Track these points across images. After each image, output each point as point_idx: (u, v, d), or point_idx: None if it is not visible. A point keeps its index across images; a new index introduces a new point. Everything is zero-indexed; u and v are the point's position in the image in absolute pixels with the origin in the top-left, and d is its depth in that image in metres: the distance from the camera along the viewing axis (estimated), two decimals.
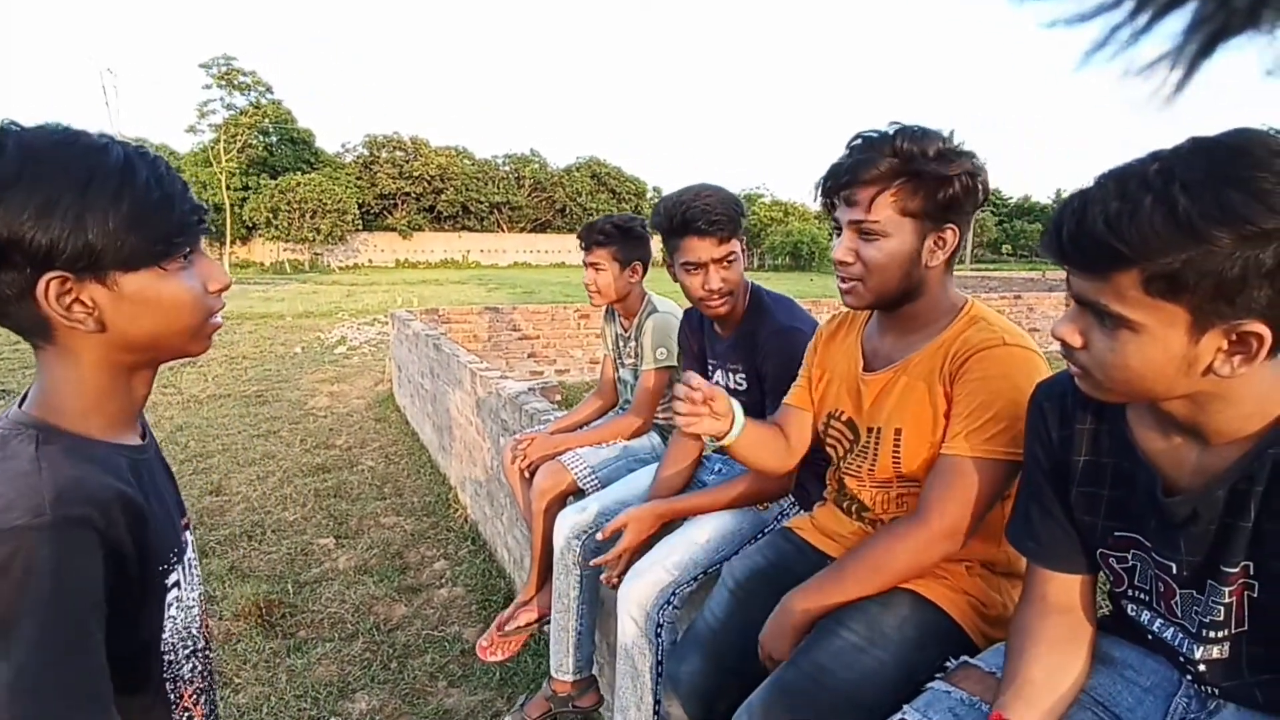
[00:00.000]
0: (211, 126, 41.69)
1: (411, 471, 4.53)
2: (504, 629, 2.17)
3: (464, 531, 3.57)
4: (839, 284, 1.21)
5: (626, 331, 2.33)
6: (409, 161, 47.67)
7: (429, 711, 2.21)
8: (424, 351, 5.01)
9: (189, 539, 0.83)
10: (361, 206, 43.85)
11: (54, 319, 0.66)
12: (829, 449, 1.35)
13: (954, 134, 1.13)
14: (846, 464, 1.30)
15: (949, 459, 1.12)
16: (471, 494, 3.68)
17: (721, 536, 1.62)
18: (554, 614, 1.94)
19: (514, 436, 2.42)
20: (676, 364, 2.11)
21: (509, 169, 53.24)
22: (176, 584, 0.77)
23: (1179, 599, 0.87)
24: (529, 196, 52.41)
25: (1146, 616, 0.93)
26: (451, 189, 47.97)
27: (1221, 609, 0.82)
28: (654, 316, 2.18)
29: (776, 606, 1.22)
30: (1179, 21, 0.48)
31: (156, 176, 0.69)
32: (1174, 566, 0.85)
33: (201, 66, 41.26)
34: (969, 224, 1.18)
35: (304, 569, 3.17)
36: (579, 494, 2.10)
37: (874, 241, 1.14)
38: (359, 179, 45.96)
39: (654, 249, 2.27)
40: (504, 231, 51.01)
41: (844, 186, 1.14)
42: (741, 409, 1.28)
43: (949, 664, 1.05)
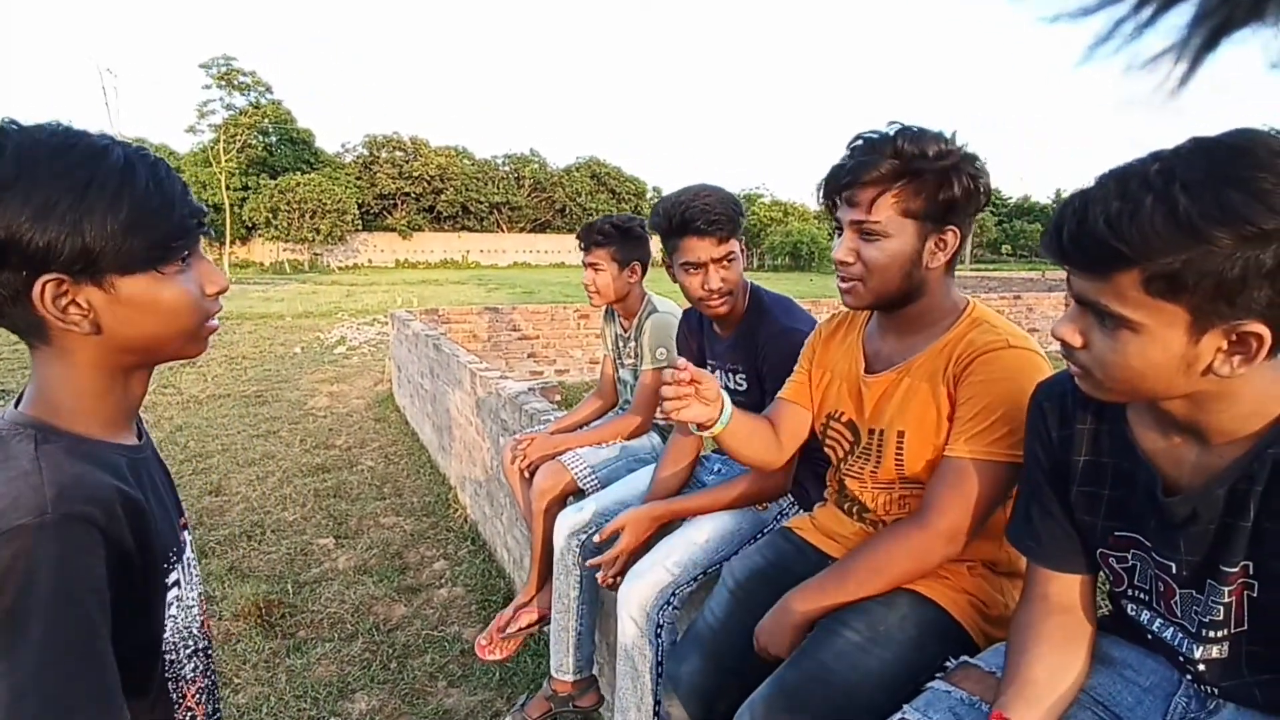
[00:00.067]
0: (211, 127, 41.76)
1: (411, 471, 4.53)
2: (505, 630, 2.17)
3: (464, 531, 3.57)
4: (839, 284, 1.21)
5: (626, 332, 2.33)
6: (409, 161, 47.72)
7: (429, 711, 2.21)
8: (424, 351, 5.01)
9: (187, 539, 0.83)
10: (361, 207, 43.89)
11: (49, 321, 0.66)
12: (829, 450, 1.35)
13: (956, 135, 1.13)
14: (847, 465, 1.30)
15: (952, 461, 1.12)
16: (471, 494, 3.68)
17: (721, 537, 1.62)
18: (554, 614, 1.94)
19: (514, 436, 2.42)
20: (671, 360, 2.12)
21: (509, 169, 53.30)
22: (177, 583, 0.77)
23: (1179, 599, 0.87)
24: (529, 196, 52.45)
25: (1146, 616, 0.93)
26: (451, 189, 48.01)
27: (1221, 609, 0.82)
28: (654, 317, 2.18)
29: (776, 604, 1.21)
30: (1183, 15, 0.48)
31: (156, 180, 0.68)
32: (1174, 566, 0.85)
33: (201, 67, 41.36)
34: (970, 226, 1.18)
35: (304, 569, 3.17)
36: (579, 494, 2.10)
37: (875, 242, 1.14)
38: (359, 179, 46.01)
39: (653, 249, 2.27)
40: (504, 231, 51.06)
41: (845, 187, 1.14)
42: (730, 400, 1.26)
43: (949, 663, 1.05)
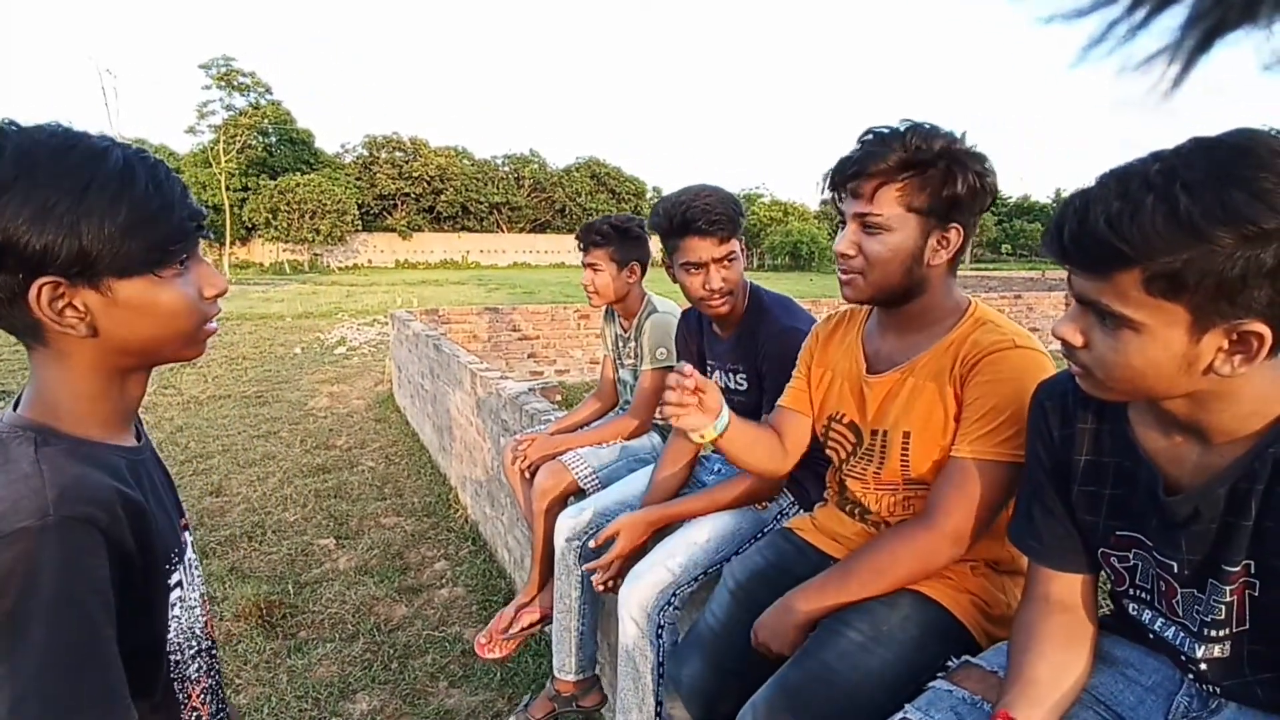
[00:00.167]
0: (211, 127, 41.79)
1: (412, 472, 4.53)
2: (507, 631, 2.17)
3: (464, 532, 3.57)
4: (839, 276, 1.21)
5: (626, 332, 2.33)
6: (408, 162, 47.76)
7: (430, 712, 2.21)
8: (424, 352, 5.01)
9: (188, 540, 0.83)
10: (361, 207, 43.93)
11: (46, 323, 0.66)
12: (831, 452, 1.35)
13: (966, 135, 1.12)
14: (849, 466, 1.30)
15: (959, 462, 1.11)
16: (472, 494, 3.68)
17: (721, 537, 1.62)
18: (556, 614, 1.94)
19: (514, 437, 2.42)
20: (676, 364, 2.11)
21: (508, 169, 53.33)
22: (179, 584, 0.77)
23: (1180, 598, 0.87)
24: (528, 197, 52.47)
25: (1148, 615, 0.93)
26: (451, 189, 48.04)
27: (1222, 608, 0.82)
28: (653, 317, 2.18)
29: (777, 602, 1.21)
30: (1176, 17, 0.48)
31: (155, 183, 0.68)
32: (1175, 565, 0.85)
33: (201, 67, 41.40)
34: (974, 226, 1.17)
35: (304, 569, 3.17)
36: (580, 494, 2.10)
37: (877, 235, 1.14)
38: (358, 179, 46.05)
39: (653, 249, 2.26)
40: (503, 232, 51.10)
41: (851, 178, 1.14)
42: (729, 408, 1.25)
43: (951, 663, 1.05)
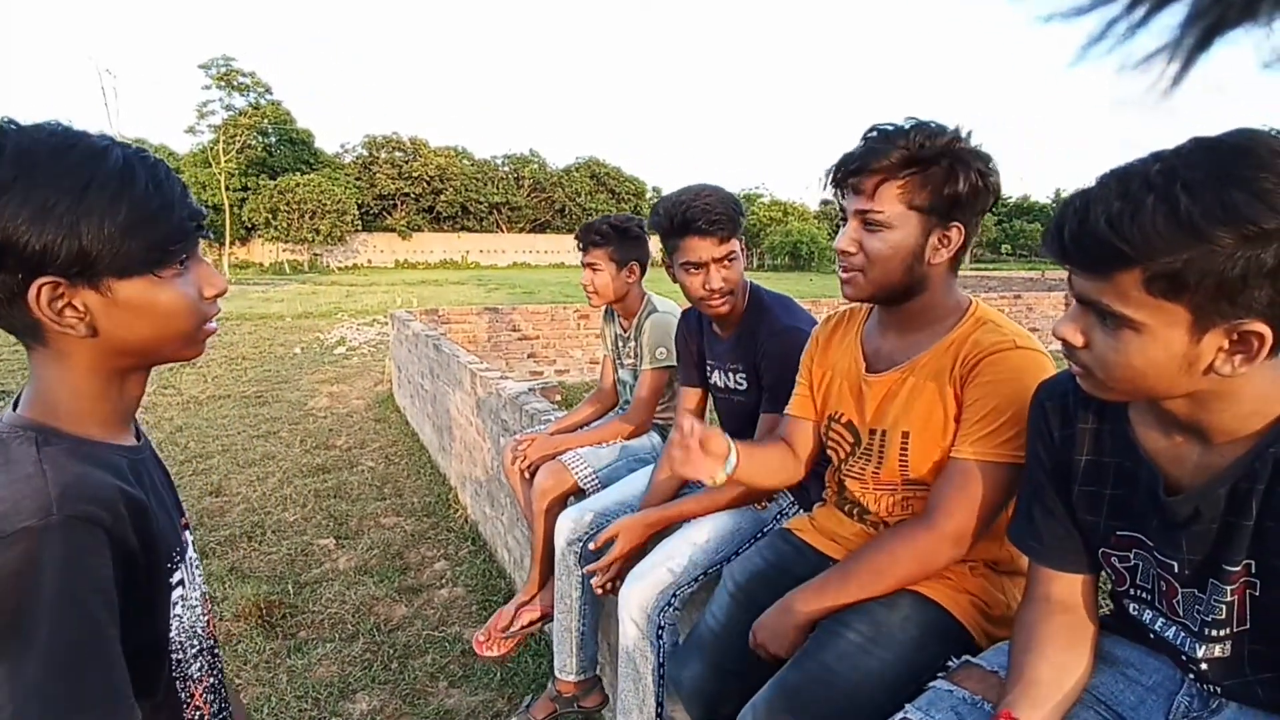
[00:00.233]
0: (211, 127, 41.81)
1: (411, 472, 4.53)
2: (507, 629, 2.17)
3: (464, 532, 3.57)
4: (840, 274, 1.21)
5: (626, 332, 2.33)
6: (408, 162, 47.77)
7: (430, 712, 2.21)
8: (424, 352, 5.01)
9: (189, 539, 0.83)
10: (361, 207, 43.94)
11: (45, 323, 0.66)
12: (831, 452, 1.35)
13: (971, 134, 1.12)
14: (848, 466, 1.29)
15: (959, 462, 1.11)
16: (472, 494, 3.68)
17: (721, 537, 1.62)
18: (557, 614, 1.94)
19: (514, 437, 2.42)
20: (676, 364, 2.11)
21: (508, 169, 53.34)
22: (181, 583, 0.77)
23: (1181, 598, 0.87)
24: (528, 197, 52.48)
25: (1148, 615, 0.93)
26: (451, 189, 48.06)
27: (1223, 607, 0.82)
28: (653, 317, 2.18)
29: (777, 603, 1.21)
30: (1176, 15, 0.48)
31: (156, 182, 0.68)
32: (1176, 565, 0.85)
33: (201, 67, 41.44)
34: (977, 225, 1.17)
35: (304, 569, 3.17)
36: (580, 494, 2.10)
37: (877, 233, 1.14)
38: (358, 179, 46.07)
39: (652, 249, 2.26)
40: (503, 232, 51.11)
41: (852, 174, 1.14)
42: (733, 444, 1.24)
43: (950, 664, 1.05)
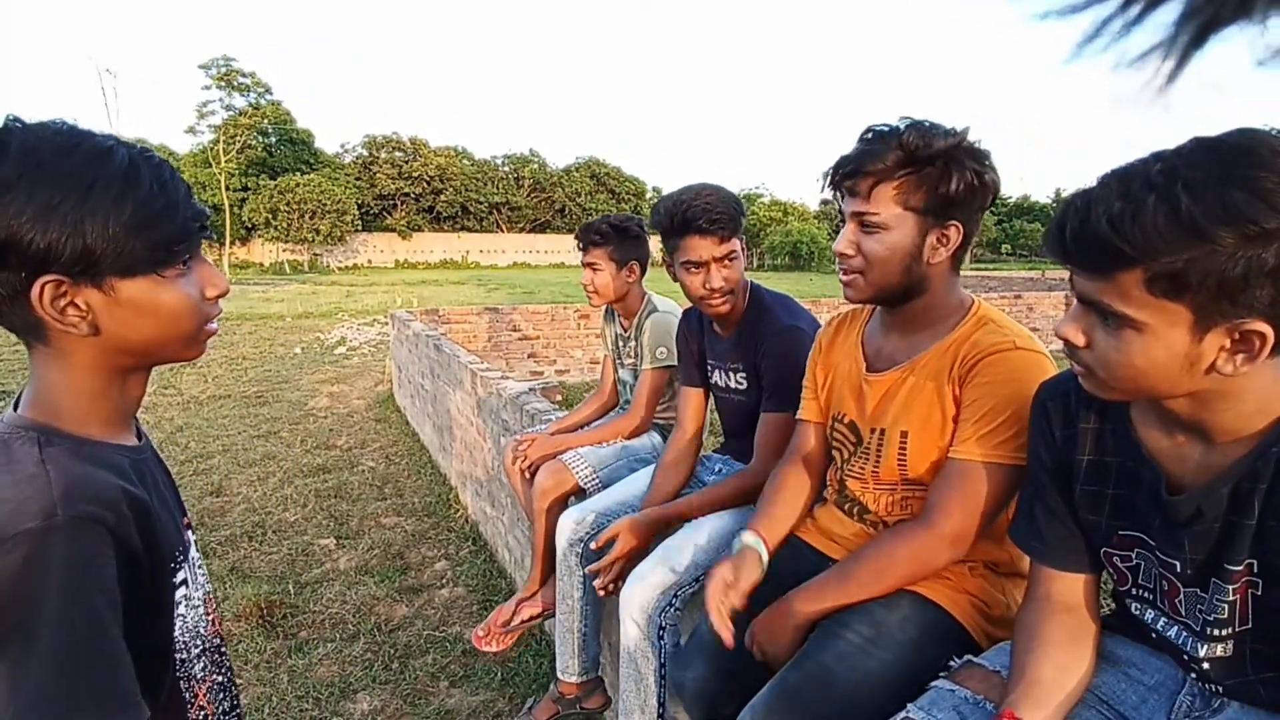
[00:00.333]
0: (211, 127, 41.81)
1: (412, 472, 4.53)
2: (507, 624, 2.16)
3: (465, 532, 3.57)
4: (840, 277, 1.21)
5: (626, 331, 2.33)
6: (408, 162, 47.77)
7: (430, 712, 2.21)
8: (424, 352, 5.01)
9: (191, 538, 0.83)
10: (361, 207, 43.94)
11: (47, 321, 0.66)
12: (835, 452, 1.35)
13: (968, 132, 1.12)
14: (849, 466, 1.30)
15: (958, 463, 1.11)
16: (472, 494, 3.68)
17: (722, 537, 1.62)
18: (559, 615, 1.94)
19: (514, 437, 2.42)
20: (676, 363, 2.11)
21: (508, 169, 53.33)
22: (184, 583, 0.77)
23: (1183, 597, 0.87)
24: (528, 197, 52.48)
25: (1150, 615, 0.93)
26: (451, 189, 48.05)
27: (1225, 607, 0.82)
28: (653, 316, 2.18)
29: (775, 604, 1.21)
30: (1170, 12, 0.48)
31: (160, 182, 0.68)
32: (1178, 565, 0.85)
33: (201, 67, 41.42)
34: (976, 223, 1.16)
35: (305, 569, 3.17)
36: (581, 494, 2.09)
37: (874, 234, 1.14)
38: (358, 179, 46.06)
39: (652, 249, 2.26)
40: (503, 232, 51.11)
41: (847, 176, 1.14)
42: (762, 546, 1.29)
43: (952, 663, 1.05)
